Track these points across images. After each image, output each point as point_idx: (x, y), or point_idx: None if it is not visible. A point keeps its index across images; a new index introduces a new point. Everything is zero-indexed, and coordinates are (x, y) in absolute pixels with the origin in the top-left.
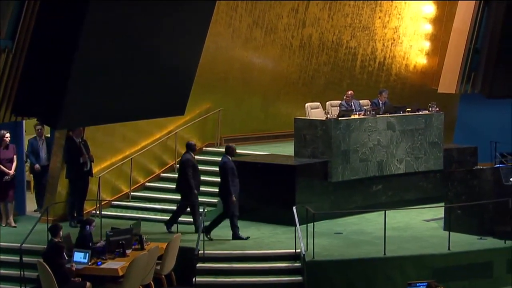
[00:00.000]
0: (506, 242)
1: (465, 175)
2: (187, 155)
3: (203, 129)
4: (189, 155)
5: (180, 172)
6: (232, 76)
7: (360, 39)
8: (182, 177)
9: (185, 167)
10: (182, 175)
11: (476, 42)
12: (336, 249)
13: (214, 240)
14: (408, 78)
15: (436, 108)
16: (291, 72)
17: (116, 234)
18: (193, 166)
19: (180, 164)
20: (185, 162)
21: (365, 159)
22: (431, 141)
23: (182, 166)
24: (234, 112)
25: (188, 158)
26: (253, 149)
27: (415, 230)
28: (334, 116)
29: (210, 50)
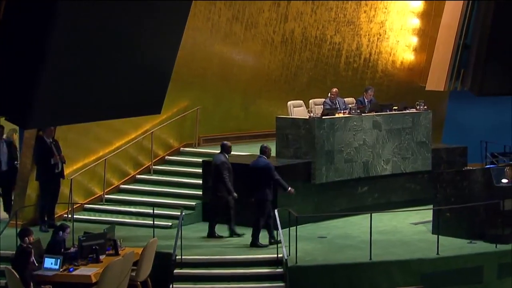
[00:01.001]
0: (497, 246)
1: (455, 176)
2: (221, 157)
3: (181, 129)
4: (223, 157)
5: (215, 175)
6: (211, 73)
7: (344, 34)
8: (219, 181)
9: (221, 169)
10: (219, 179)
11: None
12: (319, 253)
13: (193, 245)
14: (394, 75)
15: (424, 106)
16: (272, 69)
17: (89, 239)
18: (229, 169)
19: (215, 167)
20: (221, 165)
21: (350, 159)
22: (419, 141)
23: (218, 169)
24: (213, 110)
25: (223, 160)
26: (232, 149)
27: (402, 233)
28: (318, 115)
29: (187, 46)
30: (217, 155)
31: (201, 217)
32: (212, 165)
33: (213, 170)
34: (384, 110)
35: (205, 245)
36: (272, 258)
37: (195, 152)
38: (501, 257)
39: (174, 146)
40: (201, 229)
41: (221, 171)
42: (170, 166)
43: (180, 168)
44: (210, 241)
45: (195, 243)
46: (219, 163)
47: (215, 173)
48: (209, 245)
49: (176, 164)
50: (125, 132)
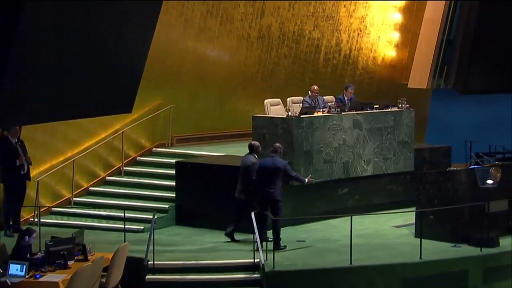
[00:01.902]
0: (482, 250)
1: (438, 177)
2: (251, 158)
3: (153, 128)
4: (253, 158)
5: (244, 176)
6: (185, 70)
7: (323, 30)
8: (248, 182)
9: (251, 170)
10: (248, 180)
11: (449, 33)
12: (298, 258)
13: (166, 249)
14: (376, 72)
15: (406, 105)
16: (249, 66)
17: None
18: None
19: (245, 167)
20: (252, 166)
21: (330, 160)
22: (401, 141)
23: (247, 169)
24: (186, 109)
25: (253, 161)
26: (207, 149)
27: (384, 237)
28: (296, 114)
29: (160, 42)
30: (246, 156)
31: (174, 220)
32: (241, 166)
33: (242, 171)
34: (364, 109)
35: (178, 250)
36: (249, 263)
37: (168, 153)
38: (486, 261)
39: (146, 147)
40: (174, 233)
41: (251, 173)
42: (142, 167)
43: (153, 170)
44: (183, 246)
45: (168, 247)
46: (249, 164)
47: (243, 174)
48: (183, 249)
49: (148, 165)
50: (94, 132)
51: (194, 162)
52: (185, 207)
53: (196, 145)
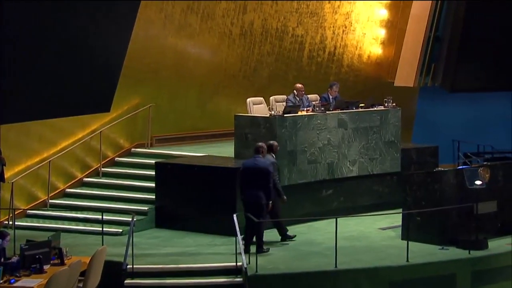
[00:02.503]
0: (470, 253)
1: (425, 178)
2: (270, 158)
3: (132, 128)
4: (272, 157)
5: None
6: (164, 68)
7: (307, 26)
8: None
9: (272, 170)
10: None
11: (436, 29)
12: (282, 261)
13: (145, 253)
14: (361, 70)
15: (392, 103)
16: (230, 64)
17: (32, 247)
18: (279, 170)
19: (265, 167)
20: (273, 165)
21: (314, 160)
22: (387, 140)
23: (268, 169)
24: (166, 108)
25: (273, 161)
26: (188, 150)
27: (369, 239)
28: (279, 113)
29: (139, 39)
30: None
31: (154, 223)
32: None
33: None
34: (350, 108)
35: (158, 253)
36: (231, 267)
37: (147, 153)
38: (475, 264)
39: (125, 147)
40: (154, 236)
41: (270, 173)
42: (121, 168)
43: (131, 171)
44: (163, 249)
45: (147, 251)
46: (269, 163)
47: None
48: (163, 253)
49: (126, 166)
50: (71, 131)
51: (175, 163)
52: (165, 209)
53: (177, 145)
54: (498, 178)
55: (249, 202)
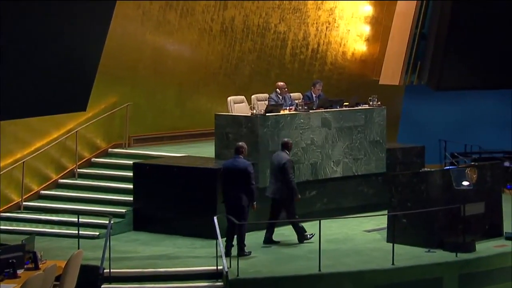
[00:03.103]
0: (457, 255)
1: (411, 179)
2: (285, 155)
3: (109, 128)
4: (286, 155)
5: (279, 174)
6: (143, 66)
7: (290, 23)
8: (283, 181)
9: (287, 168)
10: (284, 178)
11: (422, 26)
12: (264, 265)
13: (123, 257)
14: (345, 68)
15: (377, 102)
16: (211, 61)
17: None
18: (293, 168)
19: (280, 165)
20: (288, 163)
21: (297, 161)
22: (372, 140)
23: (283, 167)
24: (144, 107)
25: (288, 158)
26: (167, 150)
27: (354, 242)
28: (261, 112)
29: (116, 36)
30: (279, 153)
31: (131, 225)
32: (275, 164)
33: (276, 169)
34: (334, 107)
35: (136, 257)
36: (211, 271)
37: (125, 154)
38: (462, 267)
39: (102, 147)
40: (132, 239)
41: (286, 171)
42: (97, 169)
43: (108, 172)
44: (142, 253)
45: (125, 254)
46: (284, 162)
47: (278, 173)
48: (141, 256)
49: (103, 167)
50: (45, 131)
51: (153, 164)
52: (144, 211)
53: (155, 145)
54: (486, 178)
55: (230, 203)
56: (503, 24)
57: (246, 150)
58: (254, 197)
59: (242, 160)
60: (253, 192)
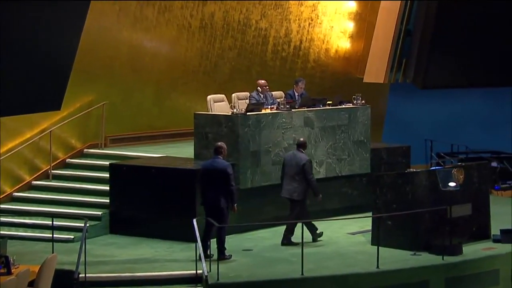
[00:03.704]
0: (444, 258)
1: (396, 180)
2: (303, 155)
3: (84, 127)
4: (304, 155)
5: (296, 175)
6: (119, 63)
7: (271, 19)
8: (302, 180)
9: (308, 168)
10: (304, 178)
11: (407, 22)
12: (245, 269)
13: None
14: (328, 65)
15: (361, 101)
16: (190, 58)
17: None
18: (311, 167)
19: (299, 165)
20: (308, 163)
21: (279, 161)
22: (356, 140)
23: (303, 167)
24: (121, 106)
25: (308, 158)
26: (145, 150)
27: (338, 245)
28: (242, 111)
29: (92, 32)
30: (296, 153)
31: (108, 228)
32: (292, 165)
33: (294, 169)
34: (316, 105)
35: (113, 261)
36: (191, 275)
37: (101, 154)
38: (448, 270)
39: (77, 148)
40: (108, 243)
41: (307, 171)
42: (72, 170)
43: (84, 173)
44: (118, 256)
45: (101, 258)
46: (304, 162)
47: (297, 173)
48: (118, 260)
49: (79, 168)
50: (18, 131)
51: (130, 165)
52: (120, 214)
53: (132, 145)
54: (473, 179)
55: (209, 205)
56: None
57: (225, 151)
58: (234, 198)
59: (221, 160)
60: (233, 193)
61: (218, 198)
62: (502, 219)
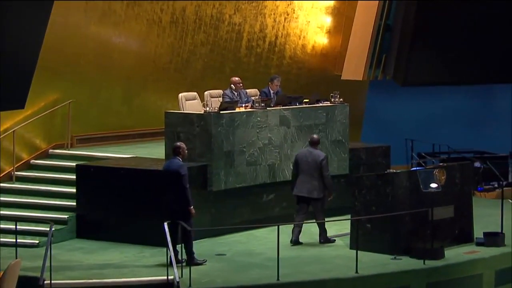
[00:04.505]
0: (425, 262)
1: (376, 181)
2: (320, 151)
3: (50, 127)
4: (321, 151)
5: (315, 172)
6: (86, 60)
7: (246, 14)
8: (320, 177)
9: (326, 164)
10: (322, 175)
11: (387, 17)
12: (218, 274)
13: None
14: (305, 62)
15: (339, 99)
16: (160, 55)
17: None
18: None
19: (318, 162)
20: (326, 159)
21: (254, 162)
22: (334, 140)
23: (322, 164)
24: (88, 104)
25: (325, 154)
26: (113, 151)
27: (315, 249)
28: (215, 109)
29: (57, 27)
30: (311, 150)
31: (74, 232)
32: (309, 162)
33: (312, 167)
34: (293, 104)
35: (80, 267)
36: (161, 281)
37: (67, 155)
38: (430, 275)
39: (42, 148)
40: (75, 247)
41: (325, 167)
42: (37, 172)
43: (49, 174)
44: (86, 262)
45: (67, 264)
46: (323, 157)
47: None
48: (85, 266)
49: (44, 169)
50: None
51: (98, 166)
52: (88, 217)
53: (100, 146)
54: (455, 180)
55: (169, 208)
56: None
57: (184, 151)
58: (189, 201)
59: (177, 161)
60: (186, 196)
61: (175, 201)
62: (486, 222)
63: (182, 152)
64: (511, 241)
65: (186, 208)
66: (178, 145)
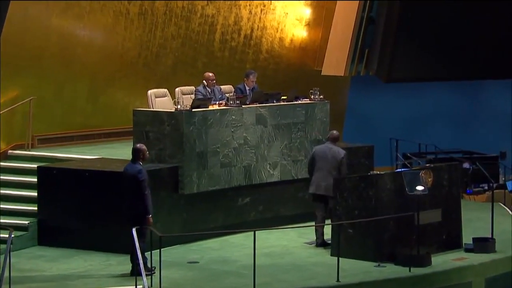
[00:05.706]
0: (411, 270)
1: (358, 183)
2: (340, 148)
3: (9, 126)
4: (341, 148)
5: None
6: (49, 54)
7: (219, 5)
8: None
9: (343, 163)
10: (341, 173)
11: (370, 9)
12: (190, 283)
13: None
14: (283, 56)
15: (319, 96)
16: (128, 49)
17: None
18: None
19: (338, 159)
20: (345, 157)
21: (228, 163)
22: (314, 139)
23: (342, 161)
24: (51, 102)
25: (345, 152)
26: (77, 151)
27: (294, 256)
28: (186, 107)
29: (17, 20)
30: (331, 146)
31: (36, 239)
32: (329, 158)
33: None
34: (270, 101)
35: (41, 276)
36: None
37: (28, 156)
38: (415, 283)
39: (0, 149)
40: (36, 255)
41: (344, 165)
42: None
43: (8, 177)
44: (48, 271)
45: (28, 273)
46: (343, 156)
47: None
48: (47, 275)
49: (3, 171)
50: None
51: (61, 168)
52: (50, 223)
53: (64, 146)
54: (442, 182)
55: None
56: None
57: (145, 153)
58: (147, 208)
59: (135, 165)
60: (145, 202)
61: (133, 207)
62: (475, 227)
63: (142, 155)
64: (502, 247)
65: (144, 216)
66: (138, 147)
